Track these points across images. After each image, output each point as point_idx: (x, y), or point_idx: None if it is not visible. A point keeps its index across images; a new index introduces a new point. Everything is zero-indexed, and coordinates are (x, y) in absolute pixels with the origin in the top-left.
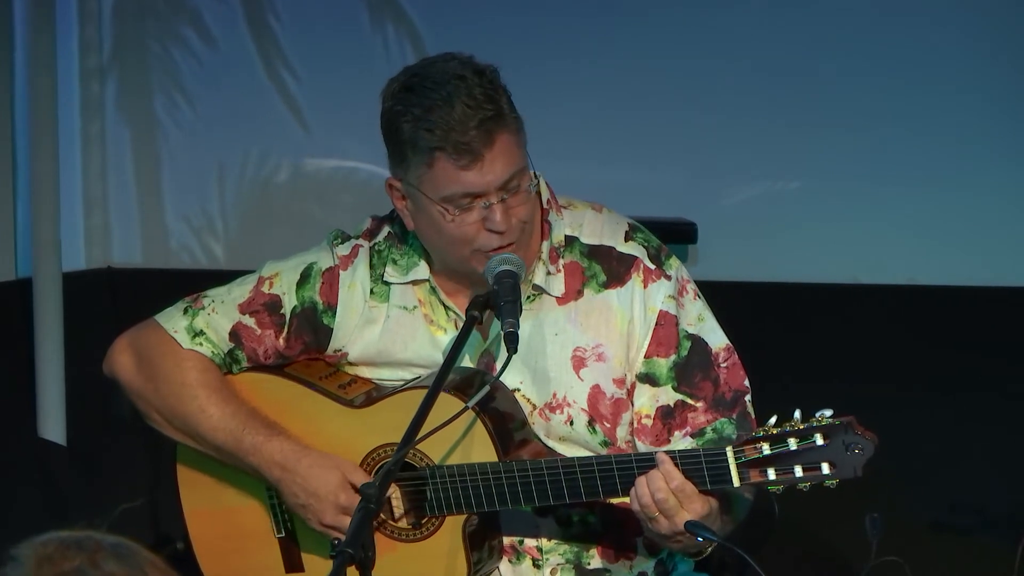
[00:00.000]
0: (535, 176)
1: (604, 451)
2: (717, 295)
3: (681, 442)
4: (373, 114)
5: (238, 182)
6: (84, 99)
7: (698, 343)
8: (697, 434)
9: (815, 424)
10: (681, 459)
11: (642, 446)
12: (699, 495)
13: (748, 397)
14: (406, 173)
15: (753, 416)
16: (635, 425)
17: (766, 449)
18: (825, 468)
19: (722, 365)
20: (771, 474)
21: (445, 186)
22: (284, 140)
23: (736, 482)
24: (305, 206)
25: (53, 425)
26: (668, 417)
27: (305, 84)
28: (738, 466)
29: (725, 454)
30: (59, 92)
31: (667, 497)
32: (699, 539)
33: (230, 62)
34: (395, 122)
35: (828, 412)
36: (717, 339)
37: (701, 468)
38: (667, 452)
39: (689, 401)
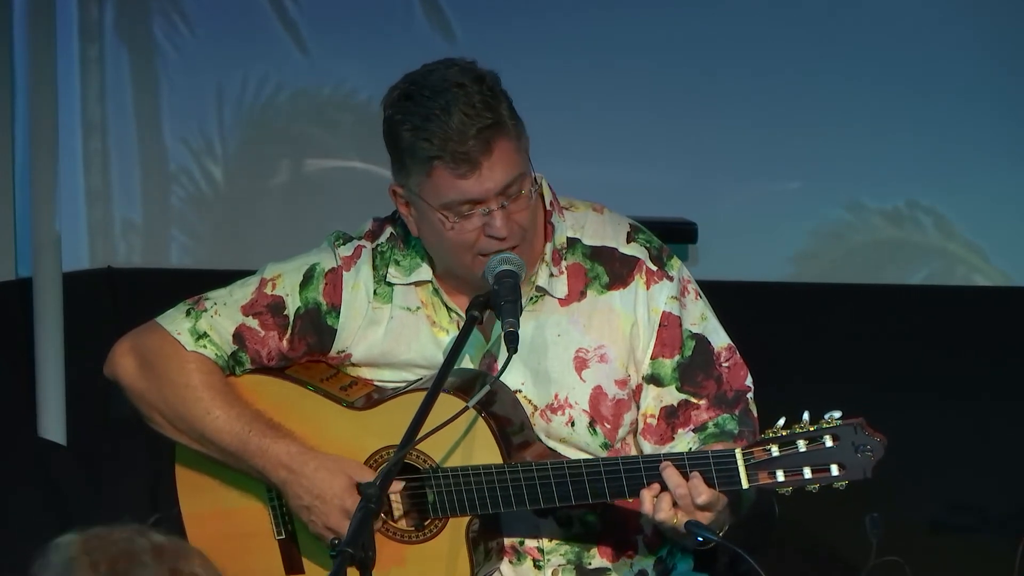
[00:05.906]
0: (536, 180)
1: (604, 453)
2: (717, 295)
3: (684, 438)
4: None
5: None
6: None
7: (701, 342)
8: (699, 429)
9: (824, 426)
10: (690, 461)
11: (647, 445)
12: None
13: (750, 395)
14: (407, 180)
15: (755, 414)
16: (640, 425)
17: (775, 451)
18: (835, 470)
19: (724, 364)
20: (780, 476)
21: (444, 194)
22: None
23: (745, 484)
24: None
25: (53, 425)
26: (672, 417)
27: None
28: (747, 468)
29: (734, 456)
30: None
31: (685, 493)
32: (699, 539)
33: None
34: (395, 130)
35: (837, 414)
36: (719, 339)
37: (710, 470)
38: (676, 456)
39: (692, 400)
